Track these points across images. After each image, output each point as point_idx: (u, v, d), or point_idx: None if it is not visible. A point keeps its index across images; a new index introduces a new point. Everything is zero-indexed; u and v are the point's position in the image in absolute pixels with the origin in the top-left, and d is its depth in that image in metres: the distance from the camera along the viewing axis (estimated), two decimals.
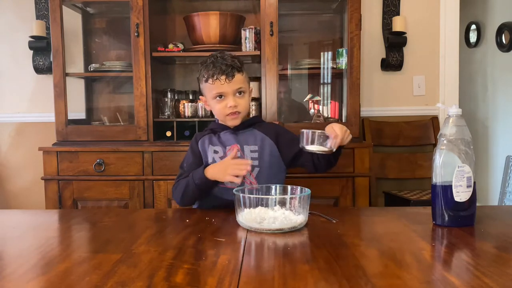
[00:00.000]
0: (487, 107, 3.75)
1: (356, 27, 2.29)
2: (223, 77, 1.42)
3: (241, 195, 1.11)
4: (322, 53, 2.50)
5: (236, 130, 1.50)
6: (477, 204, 1.12)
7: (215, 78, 1.42)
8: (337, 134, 1.25)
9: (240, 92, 1.46)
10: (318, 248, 0.95)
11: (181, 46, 2.43)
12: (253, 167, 1.44)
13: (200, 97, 1.58)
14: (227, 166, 1.33)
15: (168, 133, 2.38)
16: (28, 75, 2.76)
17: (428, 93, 2.78)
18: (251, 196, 1.12)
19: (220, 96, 1.45)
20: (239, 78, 1.45)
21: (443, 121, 1.13)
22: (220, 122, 1.54)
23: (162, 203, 2.22)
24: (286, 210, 1.11)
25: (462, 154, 1.08)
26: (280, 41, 2.34)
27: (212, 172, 1.36)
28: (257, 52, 2.36)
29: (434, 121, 2.74)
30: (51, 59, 2.37)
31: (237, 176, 1.30)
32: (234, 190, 1.15)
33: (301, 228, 1.09)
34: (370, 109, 2.76)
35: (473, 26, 3.85)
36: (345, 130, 1.29)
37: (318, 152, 1.27)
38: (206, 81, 1.45)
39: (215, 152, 1.48)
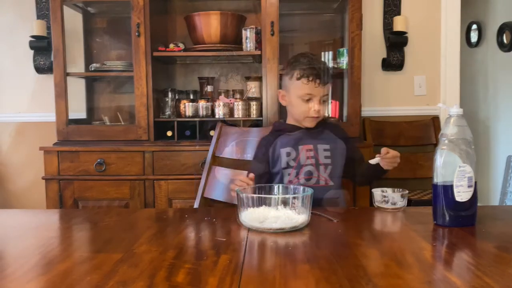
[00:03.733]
0: (488, 107, 3.75)
1: (357, 27, 2.29)
2: (318, 81, 1.46)
3: (243, 194, 1.11)
4: (323, 53, 2.50)
5: (308, 128, 1.53)
6: (478, 204, 1.12)
7: (310, 79, 1.46)
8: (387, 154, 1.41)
9: (325, 99, 1.51)
10: (319, 248, 0.94)
11: (181, 46, 2.43)
12: (326, 165, 1.49)
13: (279, 90, 1.60)
14: (231, 180, 1.36)
15: (169, 133, 2.38)
16: (29, 75, 2.76)
17: (429, 93, 2.78)
18: (253, 195, 1.12)
19: (308, 97, 1.47)
20: (329, 86, 1.51)
21: (444, 121, 1.13)
22: (290, 122, 1.57)
23: (163, 202, 2.22)
24: (288, 210, 1.10)
25: (463, 154, 1.08)
26: (281, 41, 2.34)
27: None
28: (258, 52, 2.35)
29: (435, 121, 2.74)
30: (52, 59, 2.37)
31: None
32: (236, 190, 1.14)
33: (302, 227, 1.09)
34: (371, 109, 2.76)
35: (474, 26, 3.85)
36: (397, 157, 1.44)
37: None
38: (299, 79, 1.47)
39: (288, 154, 1.49)
